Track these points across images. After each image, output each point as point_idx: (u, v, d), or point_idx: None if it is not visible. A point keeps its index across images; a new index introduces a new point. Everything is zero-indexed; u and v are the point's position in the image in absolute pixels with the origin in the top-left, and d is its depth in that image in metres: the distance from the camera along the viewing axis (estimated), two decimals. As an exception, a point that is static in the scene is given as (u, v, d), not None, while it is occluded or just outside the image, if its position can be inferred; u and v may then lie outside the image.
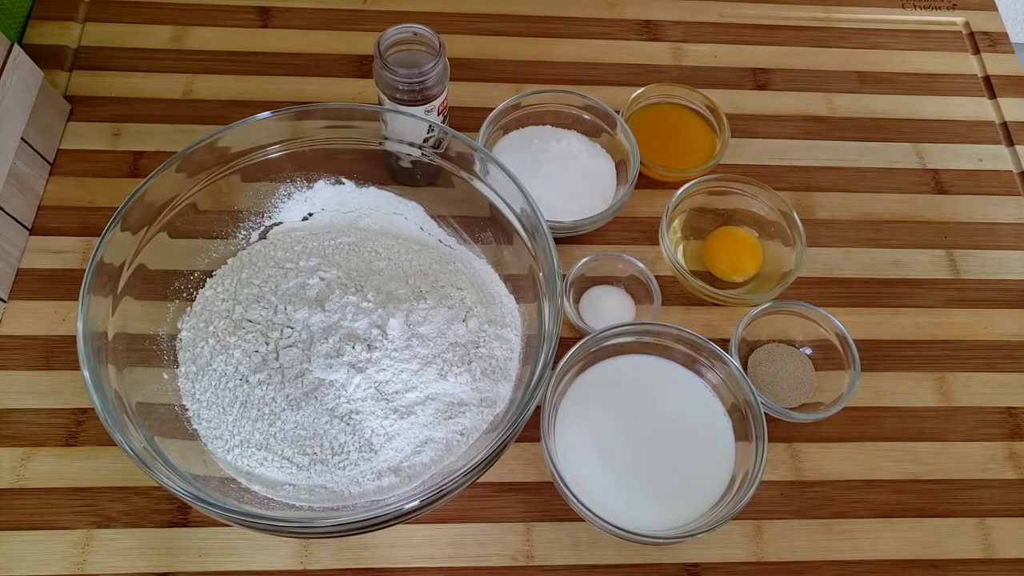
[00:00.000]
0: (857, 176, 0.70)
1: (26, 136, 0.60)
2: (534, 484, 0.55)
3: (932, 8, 0.80)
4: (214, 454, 0.50)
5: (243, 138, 0.53)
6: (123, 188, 0.62)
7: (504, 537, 0.53)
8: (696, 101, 0.69)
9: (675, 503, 0.52)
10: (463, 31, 0.74)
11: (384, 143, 0.57)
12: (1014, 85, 0.75)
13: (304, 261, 0.56)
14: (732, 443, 0.54)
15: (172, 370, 0.53)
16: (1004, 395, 0.60)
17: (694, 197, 0.64)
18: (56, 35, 0.70)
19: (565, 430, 0.54)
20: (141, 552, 0.51)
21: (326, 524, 0.43)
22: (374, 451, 0.50)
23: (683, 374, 0.56)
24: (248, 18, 0.73)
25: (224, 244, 0.57)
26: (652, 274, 0.60)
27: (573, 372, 0.56)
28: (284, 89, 0.69)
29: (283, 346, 0.52)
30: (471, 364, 0.53)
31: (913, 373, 0.61)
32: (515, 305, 0.57)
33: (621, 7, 0.77)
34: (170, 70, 0.69)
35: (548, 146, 0.65)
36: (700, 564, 0.53)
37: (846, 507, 0.56)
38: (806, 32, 0.77)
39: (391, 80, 0.55)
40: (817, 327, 0.59)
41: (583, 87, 0.67)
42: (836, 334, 0.58)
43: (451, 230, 0.59)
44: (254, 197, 0.58)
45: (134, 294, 0.51)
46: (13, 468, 0.53)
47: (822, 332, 0.59)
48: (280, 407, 0.50)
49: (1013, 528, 0.56)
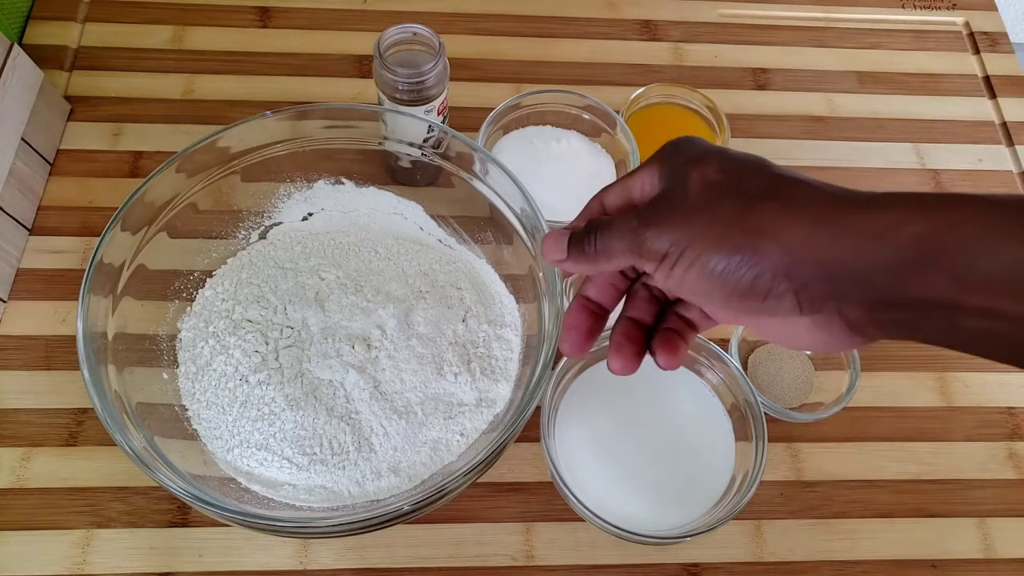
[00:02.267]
0: (857, 176, 0.70)
1: (26, 136, 0.60)
2: (534, 484, 0.55)
3: (932, 8, 0.80)
4: (214, 454, 0.50)
5: (243, 138, 0.53)
6: (123, 188, 0.62)
7: (504, 537, 0.53)
8: (696, 101, 0.69)
9: (675, 503, 0.52)
10: (463, 31, 0.74)
11: (384, 143, 0.57)
12: (1014, 85, 0.75)
13: (304, 261, 0.56)
14: (732, 443, 0.54)
15: (172, 370, 0.53)
16: (1004, 395, 0.60)
17: (694, 197, 0.64)
18: (56, 35, 0.70)
19: (565, 430, 0.54)
20: (141, 552, 0.51)
21: (326, 524, 0.43)
22: (374, 451, 0.50)
23: (683, 374, 0.56)
24: (248, 18, 0.73)
25: (224, 244, 0.57)
26: (652, 274, 0.60)
27: (573, 372, 0.56)
28: (284, 89, 0.69)
29: (283, 346, 0.52)
30: (470, 364, 0.53)
31: (913, 373, 0.61)
32: (515, 305, 0.57)
33: (621, 7, 0.77)
34: (170, 70, 0.69)
35: (548, 146, 0.65)
36: (700, 564, 0.53)
37: (846, 507, 0.56)
38: (806, 32, 0.77)
39: (391, 80, 0.55)
40: (817, 327, 0.59)
41: (583, 87, 0.67)
42: (836, 334, 0.58)
43: (451, 230, 0.59)
44: (254, 197, 0.58)
45: (134, 294, 0.51)
46: (13, 468, 0.53)
47: (822, 332, 0.59)
48: (280, 407, 0.50)
49: (1013, 528, 0.56)
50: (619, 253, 0.38)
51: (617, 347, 0.40)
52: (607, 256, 0.39)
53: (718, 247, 0.34)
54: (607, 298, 0.43)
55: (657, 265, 0.36)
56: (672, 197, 0.37)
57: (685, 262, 0.35)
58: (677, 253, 0.36)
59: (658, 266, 0.36)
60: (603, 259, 0.39)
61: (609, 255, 0.39)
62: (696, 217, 0.36)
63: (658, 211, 0.37)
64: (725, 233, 0.34)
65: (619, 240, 0.38)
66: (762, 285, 0.34)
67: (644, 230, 0.37)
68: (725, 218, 0.35)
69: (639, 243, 0.37)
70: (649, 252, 0.36)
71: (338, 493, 0.49)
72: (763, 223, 0.34)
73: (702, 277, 0.35)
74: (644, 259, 0.37)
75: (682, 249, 0.35)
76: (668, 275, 0.36)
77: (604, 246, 0.39)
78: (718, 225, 0.35)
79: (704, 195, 0.36)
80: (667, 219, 0.36)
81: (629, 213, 0.39)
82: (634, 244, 0.37)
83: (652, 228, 0.36)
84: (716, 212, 0.35)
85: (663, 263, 0.36)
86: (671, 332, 0.41)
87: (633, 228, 0.37)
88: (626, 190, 0.41)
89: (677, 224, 0.36)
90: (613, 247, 0.38)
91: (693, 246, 0.35)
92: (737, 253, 0.34)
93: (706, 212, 0.36)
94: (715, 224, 0.35)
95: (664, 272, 0.36)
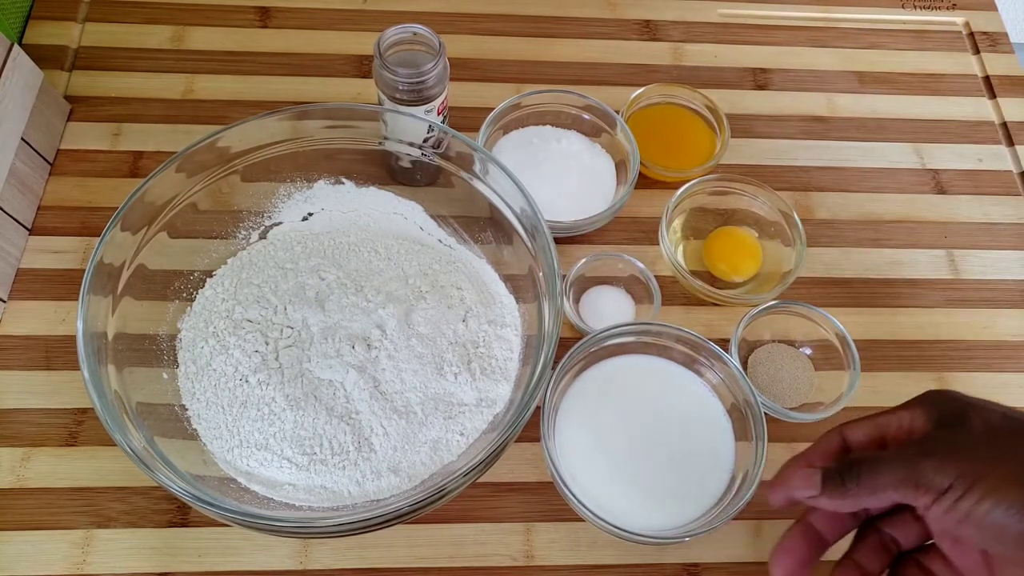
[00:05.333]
0: (857, 176, 0.70)
1: (26, 136, 0.60)
2: (534, 484, 0.55)
3: (932, 8, 0.80)
4: (214, 454, 0.50)
5: (243, 138, 0.53)
6: (123, 188, 0.62)
7: (504, 537, 0.53)
8: (696, 101, 0.69)
9: (675, 503, 0.52)
10: (463, 31, 0.74)
11: (384, 143, 0.57)
12: (1014, 85, 0.75)
13: (304, 261, 0.56)
14: (732, 443, 0.54)
15: (172, 370, 0.53)
16: (1004, 395, 0.60)
17: (694, 197, 0.64)
18: (56, 35, 0.70)
19: (565, 430, 0.54)
20: (141, 552, 0.51)
21: (326, 524, 0.43)
22: (374, 451, 0.50)
23: (683, 374, 0.56)
24: (248, 18, 0.73)
25: (224, 244, 0.57)
26: (652, 274, 0.60)
27: (573, 372, 0.56)
28: (284, 89, 0.69)
29: (283, 346, 0.52)
30: (471, 364, 0.53)
31: (913, 373, 0.61)
32: (515, 305, 0.57)
33: (621, 7, 0.77)
34: (170, 70, 0.69)
35: (548, 146, 0.65)
36: (700, 564, 0.53)
37: (846, 507, 0.56)
38: (805, 32, 0.77)
39: (391, 80, 0.55)
40: (817, 327, 0.59)
41: (583, 87, 0.67)
42: (836, 334, 0.58)
43: (451, 230, 0.59)
44: (254, 197, 0.58)
45: (134, 294, 0.51)
46: (13, 468, 0.53)
47: (822, 332, 0.59)
48: (280, 407, 0.50)
49: (1013, 528, 0.56)
50: (889, 486, 0.37)
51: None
52: (872, 490, 0.38)
53: (1014, 483, 0.34)
54: (833, 531, 0.43)
55: (936, 498, 0.35)
56: (951, 435, 0.37)
57: (975, 496, 0.34)
58: (964, 487, 0.35)
59: (938, 499, 0.35)
60: (867, 494, 0.38)
61: (875, 489, 0.38)
62: (986, 456, 0.35)
63: (939, 445, 0.36)
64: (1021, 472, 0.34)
65: (890, 473, 0.37)
66: None
67: (924, 460, 0.36)
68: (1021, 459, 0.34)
69: (917, 475, 0.36)
70: (930, 483, 0.35)
71: (338, 493, 0.49)
72: None
73: (992, 511, 0.34)
74: (921, 491, 0.36)
75: (971, 483, 0.34)
76: (951, 508, 0.35)
77: (871, 480, 0.38)
78: (1014, 464, 0.34)
79: (989, 435, 0.36)
80: (951, 453, 0.36)
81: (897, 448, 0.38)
82: (910, 476, 0.36)
83: (934, 459, 0.36)
84: (1010, 455, 0.35)
85: (945, 496, 0.35)
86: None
87: (910, 459, 0.36)
88: (878, 428, 0.41)
89: (964, 459, 0.35)
90: (882, 481, 0.37)
91: (986, 481, 0.34)
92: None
93: (996, 453, 0.35)
94: (1010, 464, 0.34)
95: (945, 506, 0.35)
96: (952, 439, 0.37)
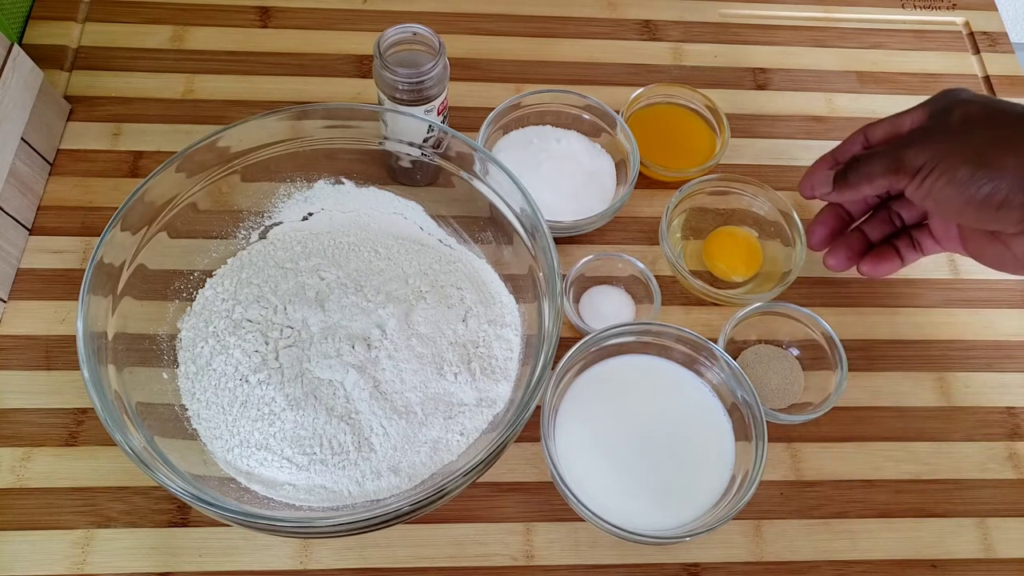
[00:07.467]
0: (857, 176, 0.70)
1: (26, 136, 0.60)
2: (534, 484, 0.55)
3: (932, 8, 0.80)
4: (214, 454, 0.50)
5: (243, 138, 0.53)
6: (123, 188, 0.62)
7: (504, 537, 0.53)
8: (696, 101, 0.69)
9: (675, 503, 0.52)
10: (463, 31, 0.74)
11: (384, 143, 0.57)
12: (1014, 85, 0.75)
13: (304, 261, 0.56)
14: (732, 443, 0.54)
15: (172, 370, 0.53)
16: (1004, 395, 0.60)
17: (694, 197, 0.64)
18: (56, 35, 0.70)
19: (565, 430, 0.54)
20: (141, 552, 0.51)
21: (326, 524, 0.43)
22: (374, 451, 0.50)
23: (683, 374, 0.56)
24: (248, 18, 0.73)
25: (224, 244, 0.57)
26: (652, 274, 0.60)
27: (573, 372, 0.56)
28: (284, 89, 0.69)
29: (283, 346, 0.52)
30: (471, 364, 0.53)
31: (913, 373, 0.61)
32: (515, 305, 0.57)
33: (621, 7, 0.77)
34: (170, 70, 0.69)
35: (548, 146, 0.65)
36: (700, 564, 0.53)
37: (846, 507, 0.56)
38: (806, 32, 0.77)
39: (391, 80, 0.55)
40: (804, 327, 0.59)
41: (583, 87, 0.67)
42: (822, 334, 0.58)
43: (451, 230, 0.59)
44: (254, 197, 0.58)
45: (134, 294, 0.51)
46: (13, 468, 0.53)
47: (809, 332, 0.59)
48: (280, 407, 0.50)
49: (1013, 528, 0.56)
50: (879, 175, 0.46)
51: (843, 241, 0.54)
52: (868, 178, 0.47)
53: (966, 162, 0.41)
54: (856, 208, 0.54)
55: (911, 179, 0.44)
56: (934, 126, 0.45)
57: (936, 174, 0.42)
58: (930, 167, 0.43)
59: (912, 180, 0.44)
60: (864, 182, 0.47)
61: (871, 177, 0.46)
62: (952, 141, 0.43)
63: (919, 135, 0.45)
64: (975, 152, 0.41)
65: (880, 163, 0.46)
66: (997, 197, 0.41)
67: (906, 149, 0.44)
68: (977, 142, 0.42)
69: (899, 161, 0.44)
70: (907, 167, 0.44)
71: (338, 493, 0.49)
72: (1009, 146, 0.41)
73: (947, 186, 0.42)
74: (901, 174, 0.44)
75: (936, 164, 0.42)
76: (920, 186, 0.44)
77: (868, 170, 0.46)
78: (970, 146, 0.42)
79: (963, 126, 0.43)
80: (927, 141, 0.44)
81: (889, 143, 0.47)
82: (894, 163, 0.44)
83: (913, 147, 0.44)
84: (970, 137, 0.42)
85: (917, 176, 0.43)
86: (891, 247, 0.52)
87: (895, 149, 0.45)
88: (895, 125, 0.49)
89: (935, 144, 0.43)
90: (874, 170, 0.46)
91: (946, 160, 0.42)
92: (981, 168, 0.41)
93: (961, 136, 0.43)
94: (968, 145, 0.42)
95: (917, 184, 0.44)
96: (932, 129, 0.45)
